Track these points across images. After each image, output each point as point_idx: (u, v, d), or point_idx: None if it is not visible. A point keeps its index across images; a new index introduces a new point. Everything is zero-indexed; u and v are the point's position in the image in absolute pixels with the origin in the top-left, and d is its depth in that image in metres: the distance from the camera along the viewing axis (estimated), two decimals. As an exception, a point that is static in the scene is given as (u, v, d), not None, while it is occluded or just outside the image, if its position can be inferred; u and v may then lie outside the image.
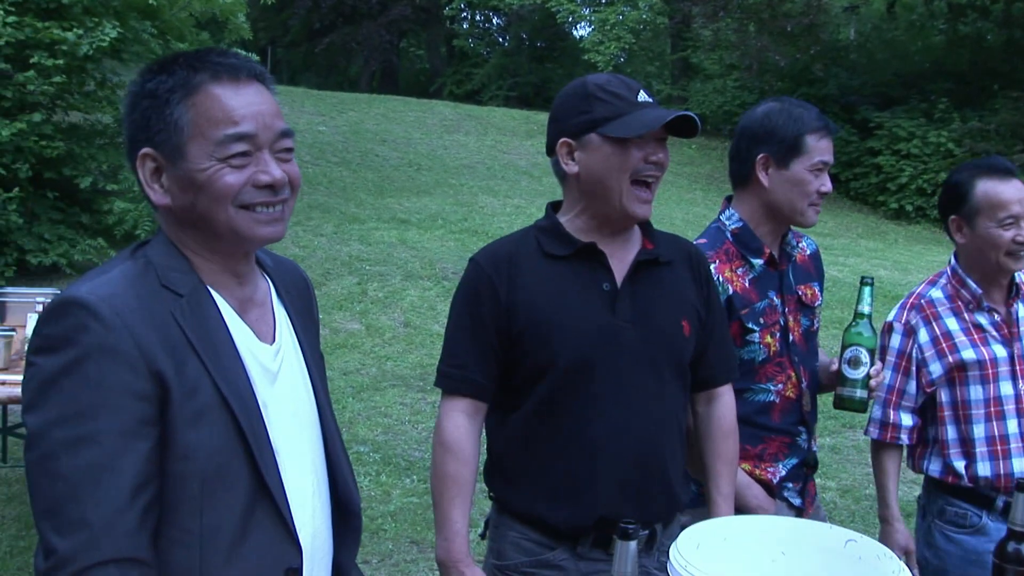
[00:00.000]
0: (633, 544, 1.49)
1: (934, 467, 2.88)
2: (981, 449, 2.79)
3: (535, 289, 2.16)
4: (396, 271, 10.01)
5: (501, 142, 18.89)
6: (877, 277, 4.02)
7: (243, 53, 1.69)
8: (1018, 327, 2.89)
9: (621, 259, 2.21)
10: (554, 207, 2.30)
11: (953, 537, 2.81)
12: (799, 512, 2.64)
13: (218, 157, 1.47)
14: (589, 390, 2.14)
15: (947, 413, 2.85)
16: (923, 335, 2.85)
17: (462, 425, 2.19)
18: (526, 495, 2.20)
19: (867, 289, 2.56)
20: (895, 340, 2.89)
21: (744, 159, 2.61)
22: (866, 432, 2.99)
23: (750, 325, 2.54)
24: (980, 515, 2.79)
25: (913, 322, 2.87)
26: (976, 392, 2.81)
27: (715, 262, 2.53)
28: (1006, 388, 2.81)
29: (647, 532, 2.20)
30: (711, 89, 22.85)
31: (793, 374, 2.60)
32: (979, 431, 2.80)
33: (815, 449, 2.72)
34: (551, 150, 2.22)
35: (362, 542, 1.78)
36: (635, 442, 2.16)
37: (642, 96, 2.14)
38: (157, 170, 1.50)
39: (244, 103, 1.49)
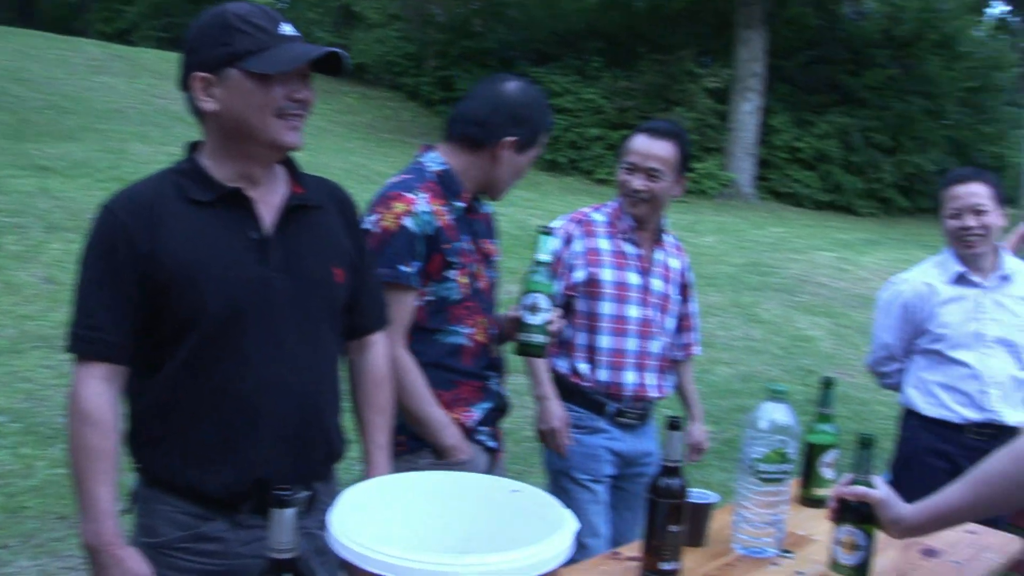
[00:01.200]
0: (290, 512, 1.38)
1: (562, 365, 3.29)
2: (604, 358, 3.25)
3: (179, 238, 1.97)
4: (36, 223, 9.14)
5: (154, 86, 17.74)
6: (531, 226, 4.11)
7: None
8: (653, 266, 3.36)
9: (269, 204, 2.07)
10: (194, 147, 2.10)
11: (574, 436, 3.24)
12: (494, 454, 2.76)
13: None
14: (240, 344, 1.99)
15: (581, 321, 3.27)
16: (578, 245, 3.26)
17: (100, 392, 1.97)
18: (175, 462, 2.02)
19: (545, 238, 2.59)
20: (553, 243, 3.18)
21: (491, 132, 2.64)
22: None
23: (452, 260, 2.57)
24: (594, 419, 3.27)
25: (573, 232, 3.28)
26: (607, 308, 3.23)
27: (426, 193, 2.57)
28: (632, 311, 3.28)
29: (308, 494, 2.10)
30: (373, 39, 22.79)
31: (482, 319, 2.67)
32: (605, 342, 3.25)
33: (505, 393, 2.82)
34: (185, 85, 2.02)
35: None
36: (291, 396, 2.04)
37: (285, 29, 1.99)
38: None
39: None
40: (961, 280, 3.59)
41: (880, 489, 2.12)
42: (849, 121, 21.88)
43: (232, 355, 1.99)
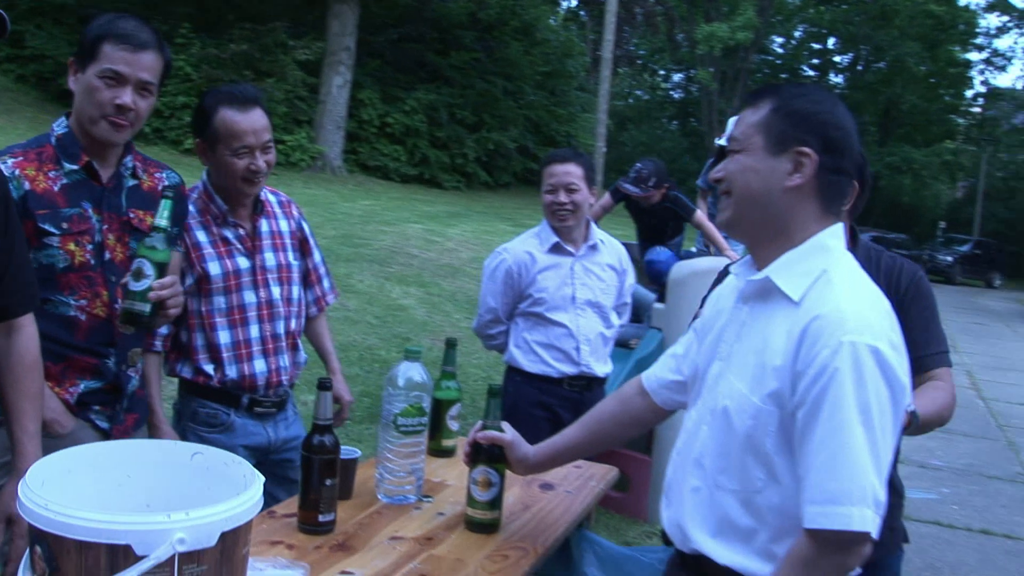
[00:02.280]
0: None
1: (186, 370, 3.03)
2: (227, 354, 3.00)
3: None
4: None
5: None
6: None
7: None
8: (260, 241, 3.09)
9: None
10: None
11: (206, 436, 2.99)
12: (105, 436, 2.57)
13: None
14: None
15: (195, 321, 2.99)
16: None
17: None
18: None
19: (165, 202, 2.42)
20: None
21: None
22: None
23: (47, 227, 2.40)
24: (228, 413, 3.02)
25: None
26: (220, 301, 2.99)
27: (18, 158, 2.42)
28: (249, 297, 3.03)
29: None
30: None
31: (105, 292, 2.50)
32: (224, 337, 3.00)
33: (131, 374, 2.65)
34: None
35: None
36: None
37: None
38: None
39: None
40: (556, 249, 4.03)
41: (508, 432, 2.42)
42: (436, 98, 22.86)
43: None
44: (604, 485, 2.95)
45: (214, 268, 2.97)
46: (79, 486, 1.59)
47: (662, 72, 49.35)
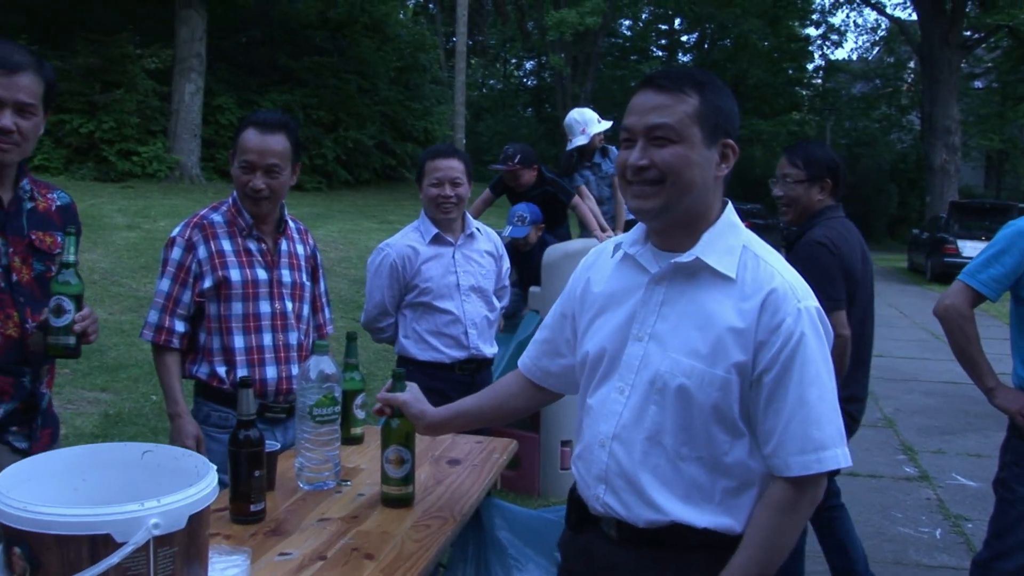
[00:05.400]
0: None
1: (201, 371, 3.27)
2: (240, 358, 3.23)
3: None
4: None
5: None
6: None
7: None
8: (279, 258, 3.36)
9: None
10: None
11: (217, 437, 3.21)
12: (25, 455, 2.61)
13: None
14: None
15: (213, 325, 3.24)
16: (202, 251, 3.22)
17: None
18: None
19: (70, 239, 2.57)
20: (176, 253, 3.24)
21: None
22: (141, 335, 3.25)
23: None
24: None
25: (195, 239, 3.23)
26: (237, 308, 3.23)
27: None
28: (264, 307, 3.29)
29: None
30: None
31: (16, 313, 2.60)
32: (239, 342, 3.24)
33: (44, 391, 2.75)
34: None
35: None
36: None
37: None
38: None
39: None
40: (437, 240, 4.24)
41: (408, 392, 2.56)
42: (290, 99, 22.66)
43: None
44: (507, 456, 3.18)
45: (235, 275, 3.24)
46: (40, 492, 1.72)
47: (514, 60, 49.89)
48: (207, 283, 3.22)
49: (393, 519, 2.53)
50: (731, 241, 2.01)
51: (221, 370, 3.25)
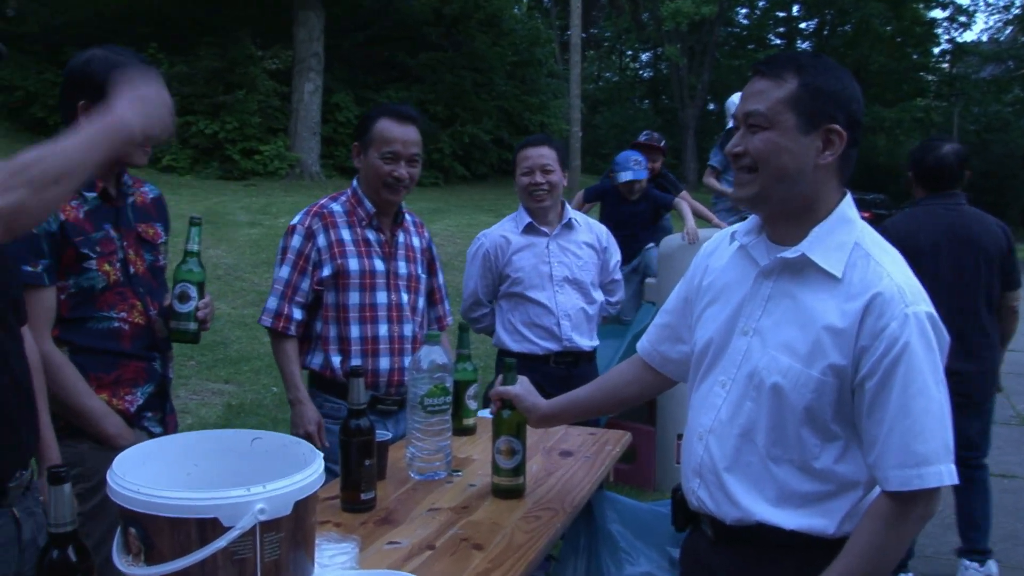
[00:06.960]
0: (67, 487, 1.51)
1: (316, 361, 3.31)
2: (356, 347, 3.25)
3: None
4: None
5: None
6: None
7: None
8: (396, 249, 3.39)
9: None
10: None
11: (330, 427, 3.23)
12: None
13: None
14: None
15: (330, 313, 3.27)
16: (321, 239, 3.26)
17: None
18: None
19: (195, 229, 2.69)
20: (295, 241, 3.28)
21: (66, 105, 2.60)
22: (260, 321, 3.30)
23: (85, 251, 2.58)
24: None
25: (314, 227, 3.27)
26: (354, 297, 3.26)
27: None
28: (381, 297, 3.31)
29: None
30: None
31: (138, 303, 2.70)
32: (355, 331, 3.26)
33: (170, 377, 2.86)
34: None
35: None
36: None
37: None
38: None
39: None
40: (530, 230, 4.20)
41: (519, 385, 2.57)
42: (407, 95, 22.95)
43: None
44: (620, 448, 3.12)
45: (353, 264, 3.27)
46: (154, 476, 1.75)
47: (629, 52, 49.50)
48: (326, 271, 3.26)
49: (503, 510, 2.51)
50: (842, 237, 1.92)
51: (336, 360, 3.28)
